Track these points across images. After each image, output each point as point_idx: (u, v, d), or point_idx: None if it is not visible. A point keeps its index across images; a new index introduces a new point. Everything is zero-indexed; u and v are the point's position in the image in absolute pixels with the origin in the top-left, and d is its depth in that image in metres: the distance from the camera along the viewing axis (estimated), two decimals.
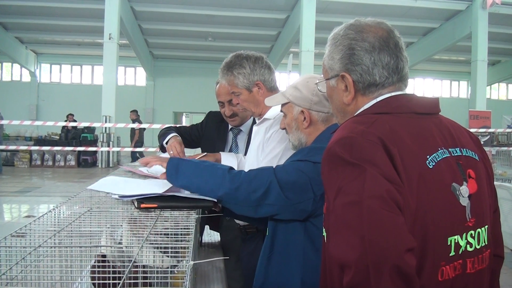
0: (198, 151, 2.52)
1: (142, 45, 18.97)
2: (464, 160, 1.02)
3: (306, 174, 1.38)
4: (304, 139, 1.55)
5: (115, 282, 0.94)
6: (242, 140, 2.35)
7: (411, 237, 0.85)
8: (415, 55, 18.45)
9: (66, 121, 13.48)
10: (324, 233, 1.05)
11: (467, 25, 14.68)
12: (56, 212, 1.34)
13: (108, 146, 12.56)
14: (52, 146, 11.61)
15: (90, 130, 13.96)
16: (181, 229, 1.19)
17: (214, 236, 2.58)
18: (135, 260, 0.98)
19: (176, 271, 1.10)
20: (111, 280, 0.96)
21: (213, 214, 1.68)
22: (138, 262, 1.01)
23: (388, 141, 0.92)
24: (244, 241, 2.01)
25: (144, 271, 1.01)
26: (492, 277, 1.07)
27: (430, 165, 0.94)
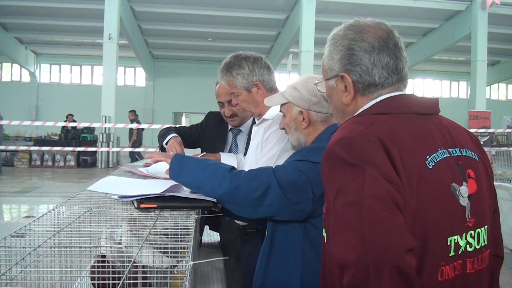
0: (197, 151, 2.51)
1: (142, 45, 18.97)
2: (464, 160, 1.02)
3: (306, 174, 1.37)
4: (303, 139, 1.54)
5: (115, 282, 0.94)
6: (241, 140, 2.34)
7: (411, 237, 0.85)
8: (414, 56, 18.45)
9: (65, 121, 13.49)
10: (324, 233, 1.05)
11: (467, 26, 14.69)
12: (56, 212, 1.34)
13: (108, 146, 12.56)
14: (52, 146, 11.60)
15: (90, 130, 13.96)
16: (180, 229, 1.19)
17: (213, 236, 2.58)
18: (135, 260, 0.98)
19: (176, 271, 1.10)
20: (110, 280, 0.96)
21: (212, 214, 1.68)
22: (137, 262, 1.01)
23: (387, 141, 0.92)
24: (243, 241, 2.01)
25: (144, 271, 1.01)
26: (492, 277, 1.07)
27: (430, 165, 0.94)
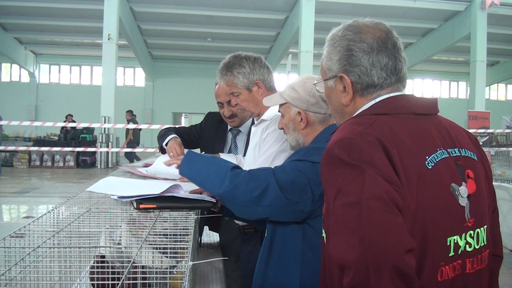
0: (197, 151, 2.51)
1: (141, 45, 18.96)
2: (463, 160, 1.02)
3: (305, 174, 1.37)
4: (302, 139, 1.54)
5: (114, 282, 0.94)
6: (241, 140, 2.34)
7: (411, 238, 0.85)
8: (414, 56, 18.45)
9: (65, 121, 13.47)
10: (323, 234, 1.05)
11: (466, 26, 14.69)
12: (55, 212, 1.34)
13: (107, 146, 12.55)
14: (51, 146, 11.58)
15: (89, 130, 13.94)
16: (180, 229, 1.19)
17: (213, 236, 2.58)
18: (134, 260, 0.98)
19: (175, 271, 1.10)
20: (110, 280, 0.96)
21: (212, 215, 1.68)
22: (137, 262, 1.01)
23: (387, 142, 0.92)
24: (242, 241, 2.01)
25: (143, 272, 1.01)
26: (491, 277, 1.07)
27: (429, 166, 0.94)
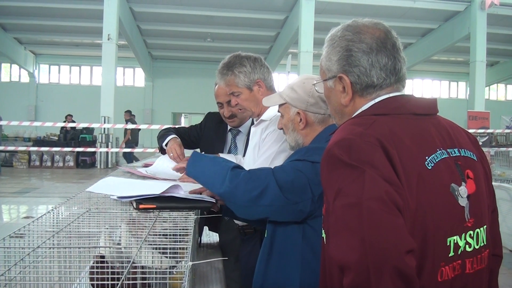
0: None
1: (141, 46, 18.95)
2: (463, 160, 1.02)
3: (305, 173, 1.37)
4: (301, 140, 1.54)
5: (114, 283, 0.94)
6: (241, 141, 2.34)
7: (411, 238, 0.85)
8: (413, 56, 18.45)
9: (64, 121, 13.46)
10: (323, 235, 1.05)
11: (466, 26, 14.69)
12: (55, 213, 1.34)
13: (107, 146, 12.55)
14: (51, 146, 11.58)
15: (89, 130, 13.94)
16: (179, 229, 1.19)
17: (213, 236, 2.58)
18: (134, 261, 0.98)
19: (175, 271, 1.10)
20: (109, 281, 0.96)
21: (212, 215, 1.68)
22: (136, 262, 1.01)
23: (386, 142, 0.92)
24: (242, 241, 2.01)
25: (143, 272, 1.01)
26: (491, 277, 1.07)
27: (429, 166, 0.94)
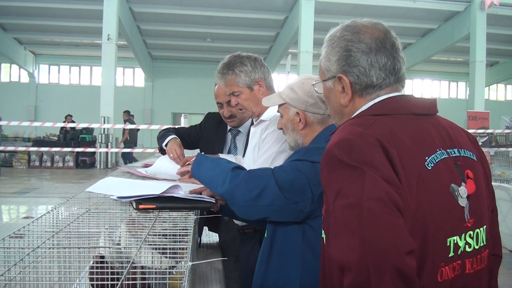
0: (197, 152, 2.51)
1: (141, 46, 18.96)
2: (462, 160, 1.02)
3: (304, 173, 1.37)
4: (301, 140, 1.54)
5: (113, 283, 0.94)
6: (240, 141, 2.34)
7: (411, 239, 0.84)
8: (413, 56, 18.46)
9: (64, 122, 13.46)
10: (323, 235, 1.05)
11: (466, 26, 14.70)
12: (55, 213, 1.34)
13: (107, 147, 12.54)
14: (51, 147, 11.58)
15: (89, 131, 13.94)
16: (179, 230, 1.19)
17: (212, 237, 2.58)
18: (134, 261, 0.98)
19: (175, 272, 1.10)
20: (109, 281, 0.96)
21: (211, 215, 1.68)
22: (136, 263, 1.01)
23: (386, 142, 0.92)
24: (242, 241, 2.01)
25: (143, 272, 1.01)
26: (490, 277, 1.07)
27: (429, 167, 0.94)
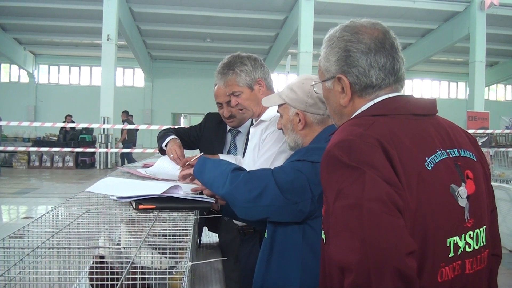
0: (196, 152, 2.51)
1: (141, 46, 18.95)
2: (462, 161, 1.02)
3: (304, 174, 1.37)
4: (300, 140, 1.54)
5: (113, 283, 0.94)
6: (240, 141, 2.33)
7: (412, 240, 0.84)
8: (413, 56, 18.47)
9: (64, 122, 13.45)
10: (323, 235, 1.05)
11: (465, 27, 14.70)
12: (54, 213, 1.34)
13: (107, 147, 12.54)
14: (50, 147, 11.58)
15: (89, 131, 13.93)
16: (179, 230, 1.19)
17: (212, 237, 2.58)
18: (133, 261, 0.98)
19: (174, 272, 1.10)
20: (109, 281, 0.95)
21: (211, 215, 1.68)
22: (136, 263, 1.01)
23: (387, 143, 0.92)
24: (241, 241, 2.01)
25: (142, 272, 1.01)
26: (490, 277, 1.07)
27: (429, 167, 0.94)
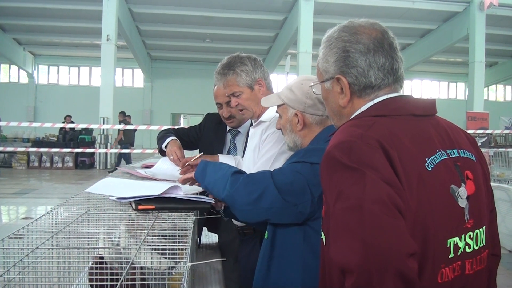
0: (196, 152, 2.51)
1: (140, 46, 18.95)
2: (462, 161, 1.02)
3: (304, 175, 1.37)
4: (299, 141, 1.54)
5: (113, 284, 0.94)
6: (240, 141, 2.33)
7: (413, 241, 0.84)
8: (412, 57, 18.48)
9: (63, 122, 13.44)
10: (322, 236, 1.04)
11: (465, 27, 14.71)
12: (54, 213, 1.34)
13: (106, 147, 12.53)
14: (50, 147, 11.57)
15: (88, 131, 13.93)
16: (178, 230, 1.19)
17: (212, 237, 2.58)
18: (133, 261, 0.98)
19: (174, 272, 1.10)
20: (108, 282, 0.95)
21: (211, 216, 1.68)
22: (135, 263, 1.01)
23: (387, 144, 0.91)
24: (241, 242, 2.00)
25: (142, 273, 1.01)
26: (489, 276, 1.07)
27: (429, 168, 0.94)
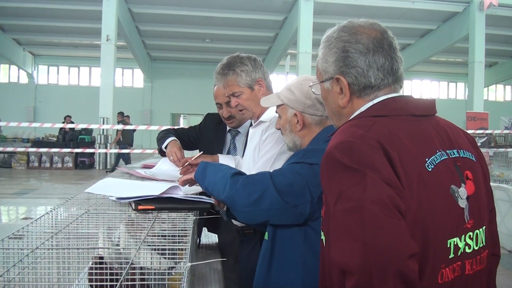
0: (196, 152, 2.51)
1: (140, 46, 18.95)
2: (462, 161, 1.02)
3: (303, 176, 1.36)
4: (299, 141, 1.54)
5: (113, 284, 0.94)
6: (240, 141, 2.33)
7: (413, 242, 0.84)
8: (412, 57, 18.48)
9: (63, 122, 13.43)
10: (322, 237, 1.04)
11: (465, 27, 14.72)
12: (54, 214, 1.34)
13: (106, 148, 12.52)
14: (50, 147, 11.57)
15: (88, 131, 13.92)
16: (178, 230, 1.19)
17: (212, 237, 2.58)
18: (133, 262, 0.98)
19: (174, 272, 1.10)
20: (108, 282, 0.96)
21: (211, 216, 1.68)
22: (135, 264, 1.01)
23: (387, 144, 0.91)
24: (241, 242, 2.00)
25: (142, 273, 1.01)
26: (489, 276, 1.07)
27: (429, 168, 0.94)
